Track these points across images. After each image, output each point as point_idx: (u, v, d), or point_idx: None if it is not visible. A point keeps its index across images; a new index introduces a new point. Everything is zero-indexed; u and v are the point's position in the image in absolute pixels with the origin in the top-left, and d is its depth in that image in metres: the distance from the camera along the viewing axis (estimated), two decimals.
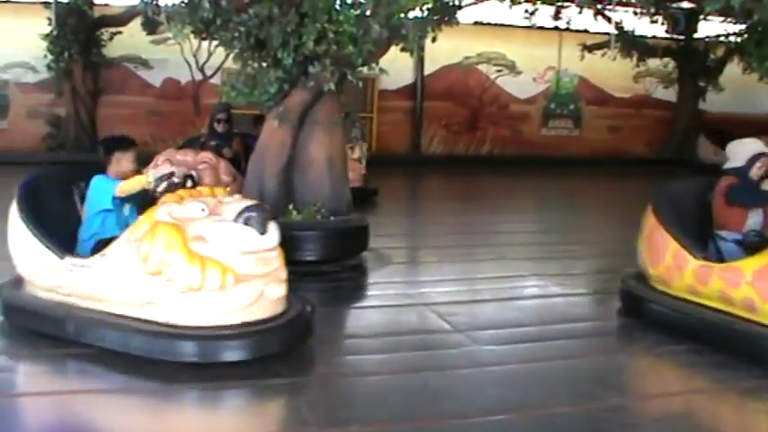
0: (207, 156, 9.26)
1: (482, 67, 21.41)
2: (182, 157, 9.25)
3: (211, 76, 18.53)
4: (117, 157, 6.04)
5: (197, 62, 18.43)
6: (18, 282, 6.08)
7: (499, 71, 21.54)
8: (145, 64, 19.18)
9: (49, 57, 17.68)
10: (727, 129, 19.39)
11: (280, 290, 5.53)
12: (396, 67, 9.50)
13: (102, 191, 5.89)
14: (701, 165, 19.05)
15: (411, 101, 20.71)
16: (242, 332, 5.26)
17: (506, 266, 8.98)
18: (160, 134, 18.74)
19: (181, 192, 5.64)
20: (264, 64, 8.21)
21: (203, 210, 5.38)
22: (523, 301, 7.59)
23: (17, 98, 18.49)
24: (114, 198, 5.86)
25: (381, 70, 8.57)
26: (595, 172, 19.24)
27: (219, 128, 10.34)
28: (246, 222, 5.29)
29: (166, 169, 5.91)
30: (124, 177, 5.89)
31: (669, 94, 22.57)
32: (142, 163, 6.39)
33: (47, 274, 5.71)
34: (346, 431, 4.41)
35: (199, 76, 18.82)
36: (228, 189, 6.94)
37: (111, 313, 5.38)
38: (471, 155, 21.01)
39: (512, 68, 21.64)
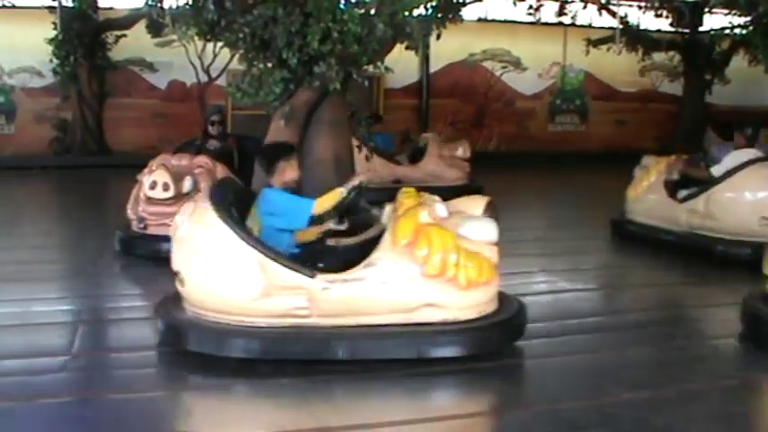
0: (203, 160, 8.85)
1: (487, 64, 21.41)
2: (177, 161, 8.89)
3: (217, 77, 18.52)
4: (282, 167, 5.78)
5: (202, 64, 18.42)
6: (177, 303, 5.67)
7: (504, 68, 21.54)
8: (150, 67, 19.23)
9: (55, 61, 17.76)
10: (734, 122, 19.38)
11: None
12: (401, 65, 9.46)
13: (296, 209, 5.61)
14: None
15: (417, 99, 20.72)
16: (511, 320, 5.61)
17: (515, 263, 8.90)
18: (167, 136, 18.71)
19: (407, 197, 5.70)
20: (270, 64, 8.22)
21: (445, 210, 5.52)
22: (533, 297, 7.53)
23: (24, 103, 18.55)
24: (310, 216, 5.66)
25: (387, 69, 8.58)
26: (602, 167, 19.15)
27: (213, 130, 10.03)
28: (491, 216, 5.56)
29: (356, 181, 5.73)
30: (289, 186, 5.76)
31: (675, 88, 22.50)
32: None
33: (276, 296, 5.27)
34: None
35: (204, 78, 18.82)
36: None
37: (373, 325, 5.30)
38: (478, 151, 20.93)
39: (517, 65, 21.64)
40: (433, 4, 8.58)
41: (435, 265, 5.16)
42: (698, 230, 8.96)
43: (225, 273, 5.26)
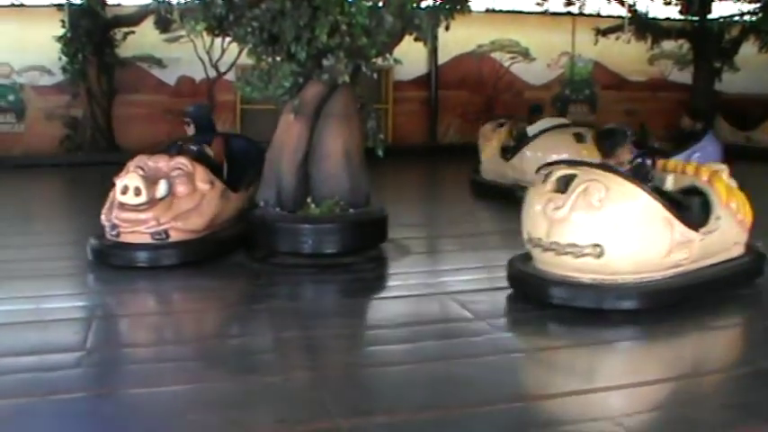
0: (181, 161, 8.21)
1: (496, 55, 21.39)
2: (153, 163, 8.22)
3: (225, 72, 18.54)
4: (620, 150, 6.71)
5: (210, 59, 18.45)
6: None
7: (513, 58, 21.52)
8: (159, 63, 19.27)
9: (64, 59, 17.79)
10: (745, 109, 19.34)
11: None
12: (409, 57, 9.50)
13: None
14: None
15: (426, 91, 20.72)
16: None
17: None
18: (176, 132, 18.73)
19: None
20: (278, 58, 8.21)
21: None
22: None
23: (33, 101, 18.60)
24: None
25: (396, 61, 8.57)
26: None
27: (189, 131, 9.44)
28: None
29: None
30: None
31: (685, 76, 22.45)
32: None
33: (676, 251, 6.41)
34: (371, 421, 4.43)
35: (213, 73, 18.85)
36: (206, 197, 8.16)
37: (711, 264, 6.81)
38: None
39: (525, 55, 21.61)
40: None
41: (740, 214, 7.01)
42: (519, 182, 11.48)
43: (645, 237, 6.28)
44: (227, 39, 9.27)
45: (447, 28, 8.65)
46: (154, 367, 5.42)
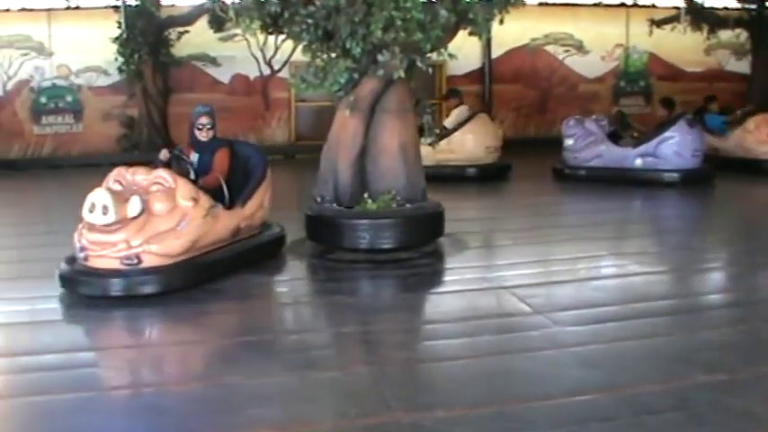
0: (161, 175, 7.17)
1: (549, 48, 21.24)
2: (132, 176, 7.22)
3: (279, 69, 18.65)
4: None
5: (264, 57, 18.55)
6: None
7: (567, 51, 21.35)
8: (213, 61, 19.38)
9: (120, 59, 18.00)
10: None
11: None
12: (463, 51, 9.45)
13: None
14: None
15: (479, 85, 20.64)
16: None
17: (583, 246, 8.92)
18: (231, 130, 18.88)
19: None
20: (333, 54, 8.24)
21: None
22: (603, 281, 7.54)
23: (91, 101, 18.84)
24: None
25: (450, 55, 8.54)
26: None
27: (203, 135, 8.19)
28: None
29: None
30: None
31: (743, 66, 22.11)
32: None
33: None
34: (431, 415, 4.43)
35: (267, 71, 18.95)
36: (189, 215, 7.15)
37: None
38: (543, 136, 20.86)
39: (579, 48, 21.43)
40: None
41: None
42: (442, 162, 13.76)
43: None
44: (281, 36, 9.30)
45: (501, 21, 8.62)
46: (214, 362, 5.48)
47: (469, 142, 14.15)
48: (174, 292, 6.87)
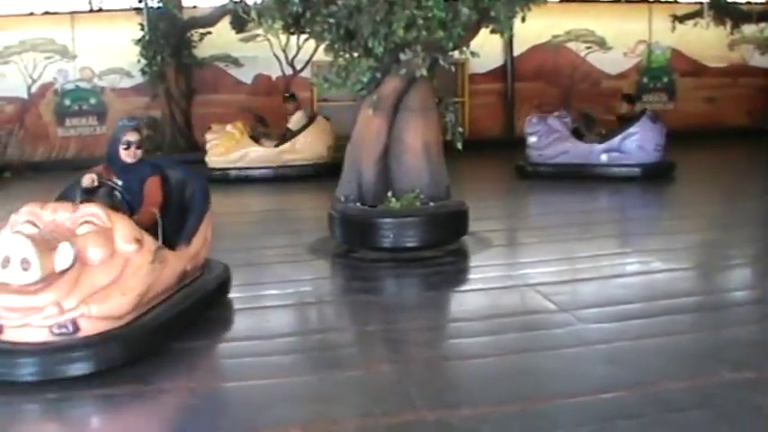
0: (91, 212, 5.40)
1: (571, 45, 21.14)
2: (51, 214, 5.36)
3: (301, 69, 18.68)
4: None
5: (286, 57, 18.59)
6: None
7: (589, 48, 21.26)
8: (235, 62, 19.40)
9: (143, 61, 18.04)
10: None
11: None
12: (485, 49, 9.44)
13: None
14: None
15: (502, 83, 20.57)
16: None
17: (607, 244, 8.91)
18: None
19: None
20: (356, 54, 8.25)
21: None
22: (627, 278, 7.53)
23: (114, 103, 18.90)
24: None
25: (473, 54, 8.54)
26: (693, 144, 18.83)
27: (129, 156, 6.27)
28: None
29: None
30: None
31: (767, 62, 21.99)
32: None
33: None
34: (456, 413, 4.44)
35: (289, 71, 19.00)
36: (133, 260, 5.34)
37: None
38: None
39: (602, 44, 21.32)
40: None
41: None
42: (286, 163, 14.97)
43: None
44: (303, 36, 9.32)
45: (523, 19, 8.61)
46: (239, 362, 5.50)
47: (314, 143, 15.21)
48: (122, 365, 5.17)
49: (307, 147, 15.10)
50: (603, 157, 13.54)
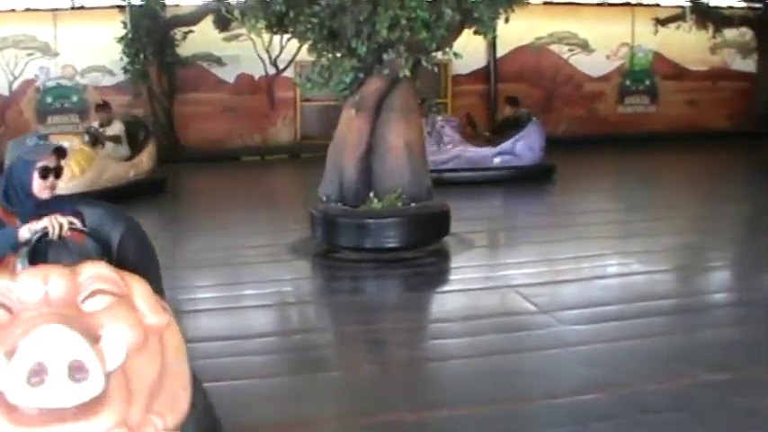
0: (100, 273, 3.01)
1: (554, 47, 21.19)
2: (42, 285, 2.80)
3: (284, 69, 18.65)
4: None
5: (270, 56, 18.57)
6: None
7: (571, 50, 21.32)
8: (218, 61, 19.35)
9: (125, 59, 17.97)
10: None
11: None
12: (468, 50, 9.45)
13: None
14: None
15: (485, 84, 20.61)
16: None
17: (588, 246, 8.93)
18: (237, 130, 19.01)
19: None
20: (339, 54, 8.25)
21: None
22: (607, 280, 7.56)
23: (96, 102, 18.83)
24: None
25: (456, 54, 8.55)
26: (674, 148, 18.97)
27: (45, 189, 3.94)
28: None
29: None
30: None
31: (748, 65, 22.11)
32: None
33: None
34: (436, 414, 4.45)
35: (272, 71, 18.98)
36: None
37: None
38: (547, 136, 20.76)
39: (584, 47, 21.39)
40: None
41: None
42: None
43: None
44: (286, 36, 9.31)
45: (507, 21, 8.63)
46: (218, 362, 5.50)
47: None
48: None
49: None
50: (496, 161, 13.63)
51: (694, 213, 11.20)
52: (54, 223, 3.71)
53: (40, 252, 3.73)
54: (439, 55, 8.60)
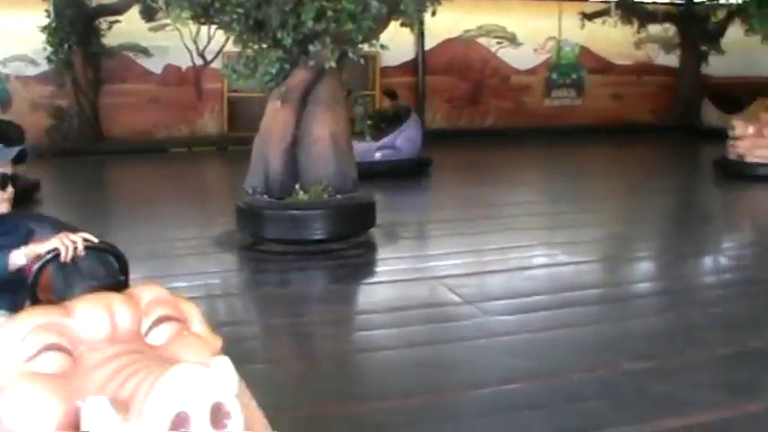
0: (159, 296, 2.53)
1: (482, 40, 21.32)
2: (107, 318, 2.29)
3: (212, 60, 18.48)
4: None
5: (197, 47, 18.38)
6: None
7: (500, 43, 21.46)
8: (144, 52, 19.12)
9: (49, 49, 17.66)
10: (731, 93, 19.39)
11: None
12: (396, 43, 9.45)
13: None
14: (706, 130, 19.05)
15: (413, 76, 20.65)
16: None
17: (514, 237, 8.99)
18: (163, 121, 18.79)
19: None
20: (264, 45, 8.19)
21: None
22: (533, 271, 7.61)
23: (18, 92, 18.47)
24: None
25: (382, 46, 8.54)
26: (600, 141, 19.22)
27: (2, 204, 3.18)
28: None
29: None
30: None
31: (671, 60, 22.47)
32: None
33: None
34: (362, 406, 4.43)
35: (199, 62, 18.79)
36: None
37: None
38: (475, 128, 20.95)
39: (512, 40, 21.54)
40: None
41: None
42: None
43: None
44: (214, 26, 9.22)
45: (433, 13, 8.65)
46: None
47: None
48: None
49: None
50: (377, 155, 13.58)
51: (620, 205, 11.33)
52: (66, 242, 2.94)
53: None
54: (365, 47, 8.58)
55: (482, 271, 7.45)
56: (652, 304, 6.60)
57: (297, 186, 8.42)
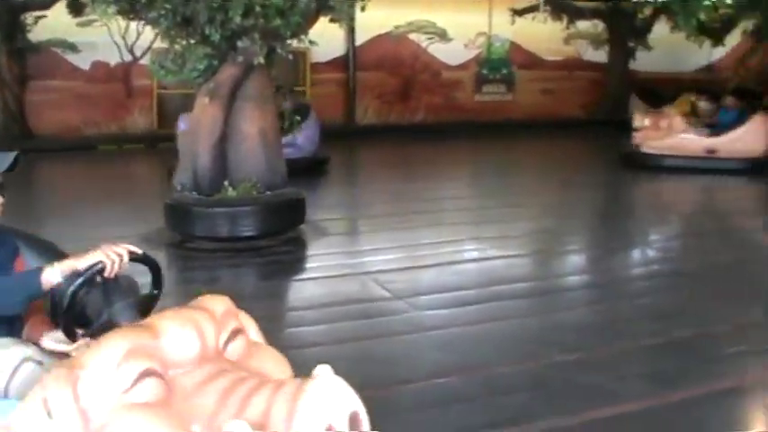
0: (228, 309, 2.51)
1: (413, 36, 21.34)
2: (196, 338, 2.27)
3: (141, 56, 18.27)
4: None
5: (126, 43, 18.15)
6: None
7: (430, 39, 21.50)
8: (72, 47, 18.80)
9: None
10: (657, 88, 19.68)
11: None
12: (326, 38, 9.45)
13: None
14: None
15: (343, 72, 20.59)
16: None
17: (444, 232, 9.03)
18: (92, 118, 18.49)
19: None
20: (192, 41, 8.11)
21: None
22: (463, 265, 7.66)
23: None
24: None
25: (311, 42, 8.54)
26: (530, 135, 19.38)
27: None
28: None
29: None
30: None
31: (600, 56, 22.73)
32: None
33: None
34: None
35: (129, 58, 18.56)
36: None
37: None
38: (405, 124, 20.96)
39: (442, 36, 21.59)
40: None
41: None
42: None
43: None
44: (143, 22, 9.12)
45: (363, 9, 8.66)
46: None
47: None
48: None
49: None
50: None
51: (550, 200, 11.43)
52: (112, 255, 2.73)
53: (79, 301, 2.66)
54: (294, 42, 8.55)
55: (412, 266, 7.47)
56: (580, 297, 6.70)
57: (226, 183, 8.36)
